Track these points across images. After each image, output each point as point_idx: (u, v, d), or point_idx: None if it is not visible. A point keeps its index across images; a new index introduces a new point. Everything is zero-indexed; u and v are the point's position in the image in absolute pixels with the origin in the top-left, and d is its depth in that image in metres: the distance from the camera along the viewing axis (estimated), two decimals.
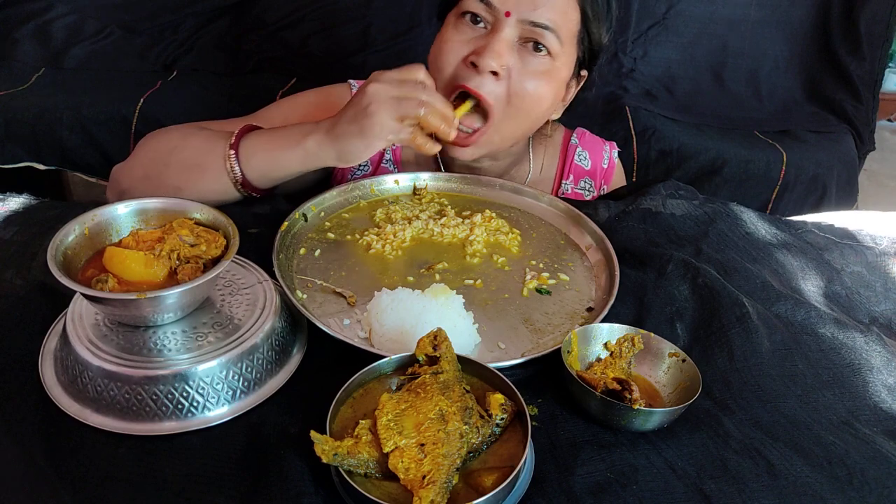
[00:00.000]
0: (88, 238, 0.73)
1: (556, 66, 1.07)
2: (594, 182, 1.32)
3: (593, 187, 1.32)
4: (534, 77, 1.06)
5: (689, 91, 2.08)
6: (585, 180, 1.31)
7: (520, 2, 1.02)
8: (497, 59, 1.02)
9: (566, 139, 1.34)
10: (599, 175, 1.32)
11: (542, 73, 1.06)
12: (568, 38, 1.05)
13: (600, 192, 1.33)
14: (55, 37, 1.96)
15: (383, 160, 1.29)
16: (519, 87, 1.06)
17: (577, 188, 1.32)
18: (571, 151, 1.31)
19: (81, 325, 0.72)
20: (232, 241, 0.73)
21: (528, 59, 1.05)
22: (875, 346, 0.85)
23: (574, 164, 1.31)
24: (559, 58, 1.06)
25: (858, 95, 2.04)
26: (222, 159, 0.99)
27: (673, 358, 0.77)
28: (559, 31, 1.03)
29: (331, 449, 0.59)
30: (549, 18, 1.02)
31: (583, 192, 1.32)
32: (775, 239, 1.08)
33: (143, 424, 0.68)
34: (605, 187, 1.33)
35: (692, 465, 0.68)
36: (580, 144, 1.32)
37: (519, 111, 1.08)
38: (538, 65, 1.05)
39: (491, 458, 0.64)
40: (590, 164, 1.32)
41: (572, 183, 1.31)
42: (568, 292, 0.95)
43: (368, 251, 1.00)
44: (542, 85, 1.07)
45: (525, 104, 1.08)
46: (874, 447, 0.71)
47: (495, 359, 0.79)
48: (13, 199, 1.03)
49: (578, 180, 1.31)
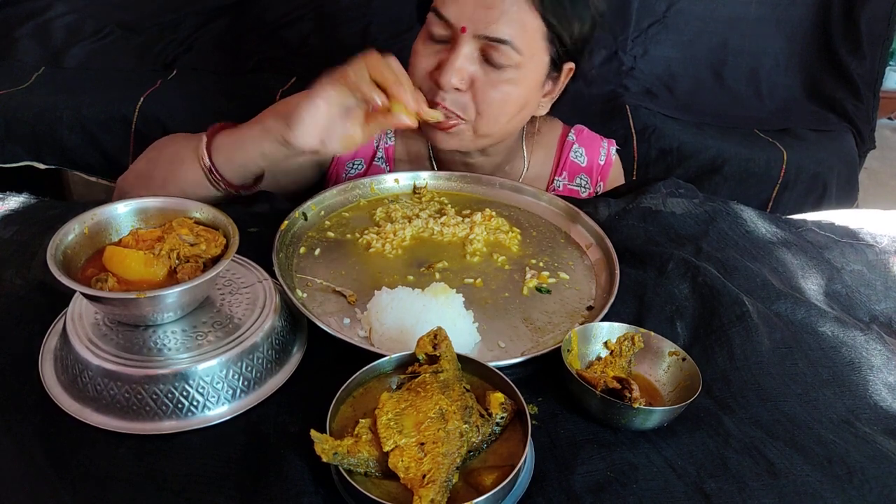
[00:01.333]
0: (88, 237, 0.73)
1: (522, 73, 1.06)
2: (590, 179, 1.32)
3: (589, 184, 1.31)
4: (497, 86, 1.06)
5: (689, 89, 2.08)
6: (581, 177, 1.31)
7: (473, 18, 1.01)
8: (455, 75, 1.04)
9: (563, 136, 1.34)
10: (596, 172, 1.32)
11: (506, 81, 1.06)
12: (530, 46, 1.05)
13: (596, 188, 1.32)
14: (55, 36, 1.96)
15: (375, 157, 1.29)
16: (483, 96, 1.07)
17: (571, 185, 1.32)
18: (567, 148, 1.31)
19: (81, 324, 0.72)
20: (232, 241, 0.73)
21: (489, 70, 1.05)
22: (875, 345, 0.85)
23: (569, 161, 1.31)
24: (524, 65, 1.05)
25: (859, 94, 2.04)
26: (196, 155, 1.02)
27: (673, 357, 0.77)
28: (517, 43, 1.03)
29: (331, 448, 0.59)
30: (506, 33, 1.01)
31: (578, 188, 1.31)
32: (775, 237, 1.08)
33: (143, 424, 0.68)
34: (601, 184, 1.32)
35: (692, 463, 0.68)
36: (577, 141, 1.32)
37: (488, 117, 1.09)
38: (501, 75, 1.05)
39: (491, 456, 0.64)
40: (586, 161, 1.31)
41: (566, 180, 1.31)
42: (568, 291, 0.95)
43: (368, 250, 1.00)
44: (508, 93, 1.07)
45: (493, 111, 1.08)
46: (874, 446, 0.71)
47: (495, 358, 0.79)
48: (13, 199, 1.03)
49: (574, 177, 1.31)
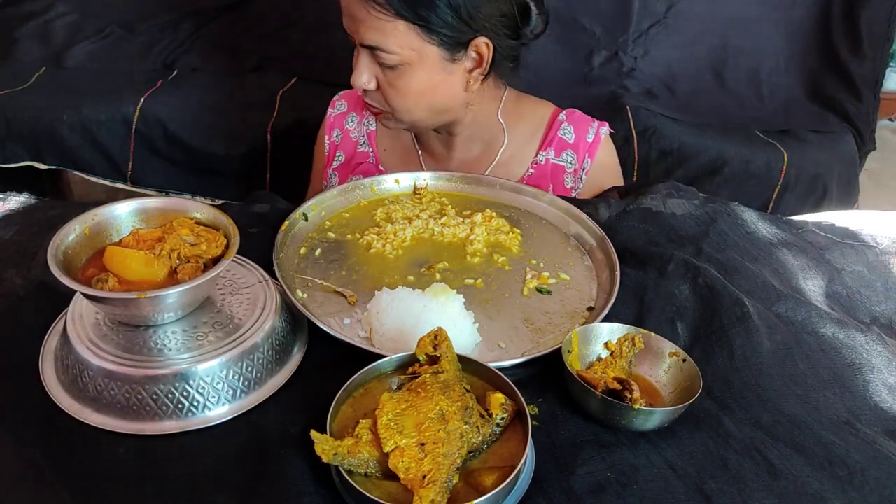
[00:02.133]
0: (89, 237, 0.73)
1: (413, 67, 1.11)
2: (577, 155, 1.32)
3: (576, 160, 1.32)
4: (393, 83, 1.13)
5: (689, 90, 2.07)
6: (567, 153, 1.33)
7: (350, 30, 1.11)
8: (357, 79, 1.13)
9: (554, 115, 1.35)
10: (583, 148, 1.32)
11: (399, 76, 1.12)
12: (406, 45, 1.08)
13: (583, 164, 1.32)
14: (55, 36, 1.96)
15: (358, 146, 1.38)
16: (386, 93, 1.15)
17: (557, 160, 1.33)
18: (556, 126, 1.33)
19: (82, 324, 0.72)
20: (232, 241, 0.73)
21: (387, 70, 1.12)
22: (876, 346, 0.85)
23: (557, 137, 1.33)
24: (409, 60, 1.10)
25: (859, 95, 2.03)
26: None
27: (673, 357, 0.77)
28: (389, 46, 1.07)
29: (331, 448, 0.59)
30: (373, 40, 1.07)
31: (564, 164, 1.32)
32: (776, 238, 1.08)
33: (143, 424, 0.68)
34: (588, 160, 1.32)
35: (692, 464, 0.68)
36: (566, 120, 1.34)
37: (399, 107, 1.16)
38: (394, 73, 1.12)
39: (491, 457, 0.64)
40: (573, 138, 1.33)
41: (552, 154, 1.32)
42: (568, 292, 0.95)
43: (369, 250, 1.00)
44: (405, 86, 1.13)
45: (399, 103, 1.16)
46: (875, 447, 0.71)
47: (495, 358, 0.79)
48: (13, 199, 1.03)
49: (560, 152, 1.33)
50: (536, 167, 1.33)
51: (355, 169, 1.38)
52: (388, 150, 1.38)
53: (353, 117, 1.40)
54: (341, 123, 1.41)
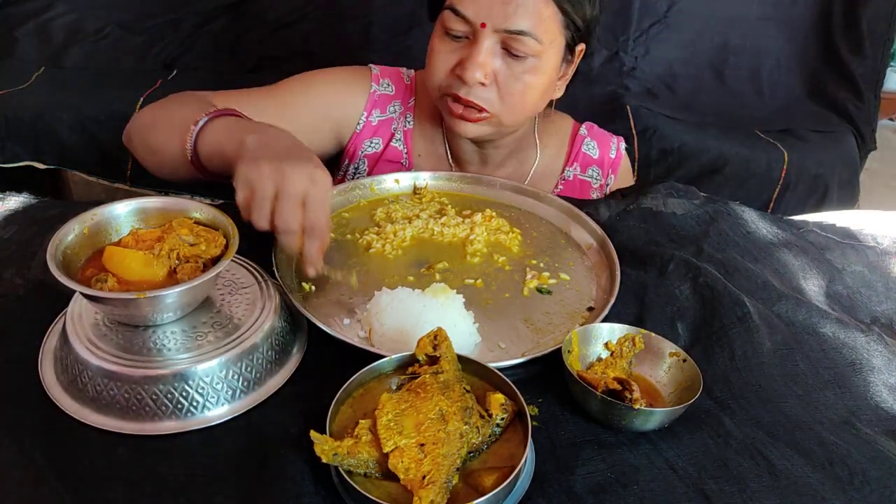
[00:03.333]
0: (88, 237, 0.73)
1: (542, 60, 1.08)
2: (602, 171, 1.33)
3: (601, 176, 1.32)
4: (520, 77, 1.08)
5: (690, 90, 2.07)
6: (593, 168, 1.32)
7: (491, 14, 1.02)
8: (480, 69, 1.05)
9: (575, 130, 1.35)
10: (607, 164, 1.33)
11: (528, 70, 1.07)
12: (549, 34, 1.06)
13: (607, 180, 1.33)
14: (55, 36, 1.96)
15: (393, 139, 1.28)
16: (508, 88, 1.08)
17: (583, 175, 1.33)
18: (579, 141, 1.32)
19: (81, 324, 0.72)
20: (232, 241, 0.73)
21: (511, 62, 1.07)
22: (876, 346, 0.85)
23: (582, 153, 1.32)
24: (544, 53, 1.07)
25: (860, 94, 2.04)
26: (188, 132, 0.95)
27: (674, 358, 0.77)
28: (536, 33, 1.04)
29: (331, 449, 0.59)
30: (524, 24, 1.03)
31: (590, 179, 1.33)
32: (776, 238, 1.08)
33: (142, 424, 0.68)
34: (612, 177, 1.34)
35: (693, 465, 0.68)
36: (588, 135, 1.34)
37: (513, 107, 1.11)
38: (523, 65, 1.07)
39: (491, 457, 0.64)
40: (598, 154, 1.33)
41: (578, 170, 1.32)
42: (568, 292, 0.95)
43: (368, 250, 1.00)
44: (530, 82, 1.08)
45: (518, 101, 1.10)
46: (875, 447, 0.71)
47: (495, 358, 0.79)
48: (13, 199, 1.03)
49: (586, 168, 1.32)
50: (565, 183, 1.32)
51: (386, 166, 1.28)
52: (422, 157, 1.30)
53: (397, 106, 1.29)
54: (384, 106, 1.28)
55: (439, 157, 1.30)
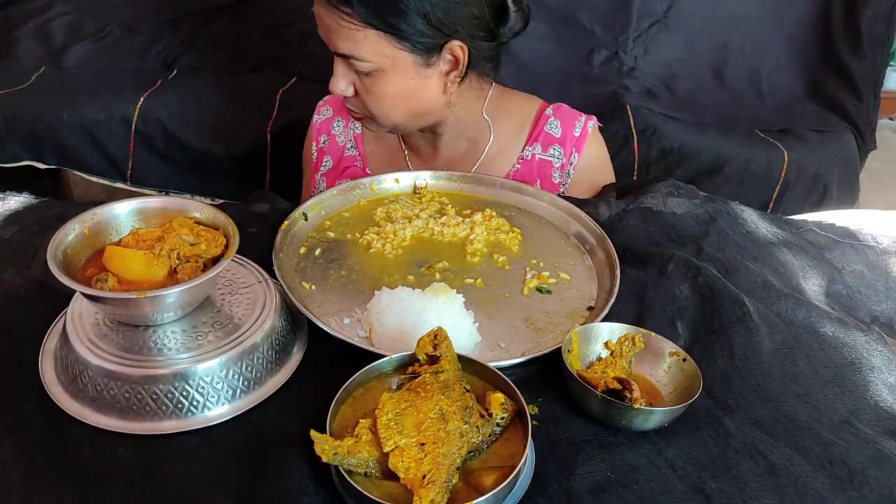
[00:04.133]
0: (88, 237, 0.73)
1: (388, 74, 1.11)
2: (563, 149, 1.32)
3: (562, 154, 1.32)
4: (370, 90, 1.13)
5: (690, 89, 2.07)
6: (555, 147, 1.33)
7: (326, 40, 1.11)
8: (335, 85, 1.14)
9: (541, 110, 1.35)
10: (570, 143, 1.32)
11: (375, 83, 1.12)
12: (376, 52, 1.08)
13: (570, 159, 1.32)
14: (55, 36, 1.96)
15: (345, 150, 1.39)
16: (364, 99, 1.16)
17: (544, 154, 1.33)
18: (543, 121, 1.33)
19: (81, 324, 0.72)
20: (232, 241, 0.73)
21: (361, 75, 1.13)
22: (876, 346, 0.85)
23: (544, 132, 1.32)
24: (384, 67, 1.10)
25: (860, 94, 2.03)
26: None
27: (673, 357, 0.77)
28: (360, 54, 1.08)
29: (331, 448, 0.59)
30: (346, 48, 1.08)
31: (552, 159, 1.32)
32: (776, 238, 1.08)
33: (142, 423, 0.68)
34: (575, 155, 1.32)
35: (693, 464, 0.68)
36: (553, 115, 1.33)
37: (378, 113, 1.17)
38: (370, 79, 1.12)
39: (491, 457, 0.64)
40: (560, 133, 1.33)
41: (539, 150, 1.32)
42: (568, 291, 0.95)
43: (369, 250, 1.00)
44: (380, 92, 1.13)
45: (379, 108, 1.16)
46: (875, 447, 0.71)
47: (495, 358, 0.79)
48: (13, 198, 1.03)
49: (547, 147, 1.33)
50: (522, 162, 1.32)
51: (343, 173, 1.38)
52: (374, 152, 1.38)
53: (339, 122, 1.41)
54: (328, 128, 1.41)
55: (391, 148, 1.37)
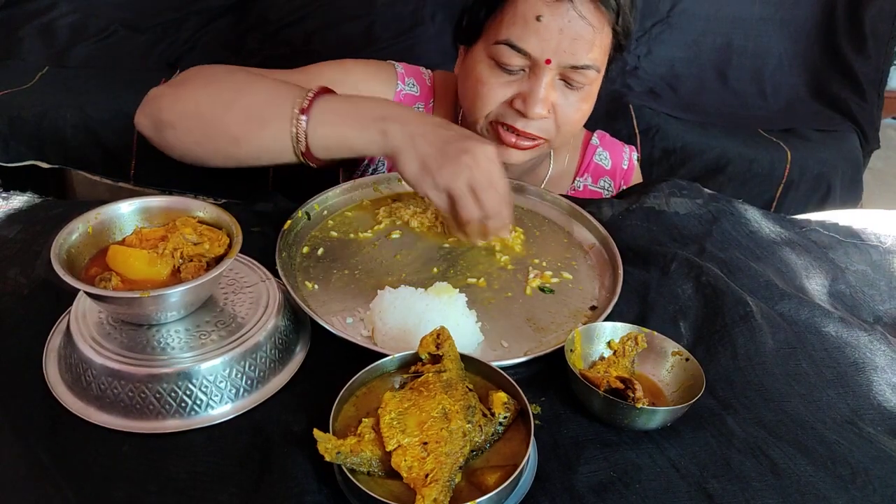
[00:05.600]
0: (92, 236, 0.74)
1: (594, 85, 1.08)
2: (613, 182, 1.32)
3: (612, 187, 1.32)
4: (577, 105, 1.08)
5: (693, 89, 2.07)
6: (605, 179, 1.31)
7: (559, 50, 1.01)
8: (544, 105, 1.04)
9: (586, 139, 1.34)
10: (619, 175, 1.32)
11: (584, 98, 1.08)
12: (604, 60, 1.06)
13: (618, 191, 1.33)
14: (59, 35, 1.97)
15: None
16: (566, 118, 1.08)
17: (594, 186, 1.32)
18: (591, 151, 1.31)
19: (85, 323, 0.72)
20: (235, 240, 0.73)
21: (568, 92, 1.06)
22: (879, 345, 0.85)
23: (593, 164, 1.31)
24: (598, 78, 1.07)
25: (863, 93, 2.03)
26: (289, 120, 0.89)
27: (676, 357, 0.77)
28: (598, 64, 1.04)
29: (334, 447, 0.59)
30: (589, 59, 1.02)
31: (602, 190, 1.32)
32: (779, 237, 1.08)
33: (146, 422, 0.68)
34: (623, 188, 1.33)
35: (695, 464, 0.68)
36: (600, 145, 1.33)
37: (567, 133, 1.12)
38: (580, 94, 1.07)
39: (494, 456, 0.64)
40: (610, 164, 1.32)
41: (590, 181, 1.31)
42: (571, 291, 0.95)
43: (372, 249, 1.00)
44: (585, 108, 1.10)
45: (572, 128, 1.12)
46: (878, 446, 0.71)
47: (498, 357, 0.79)
48: (17, 198, 1.03)
49: (598, 179, 1.31)
50: (575, 193, 1.31)
51: None
52: None
53: (420, 108, 1.27)
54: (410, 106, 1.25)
55: None
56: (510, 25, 1.02)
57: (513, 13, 1.02)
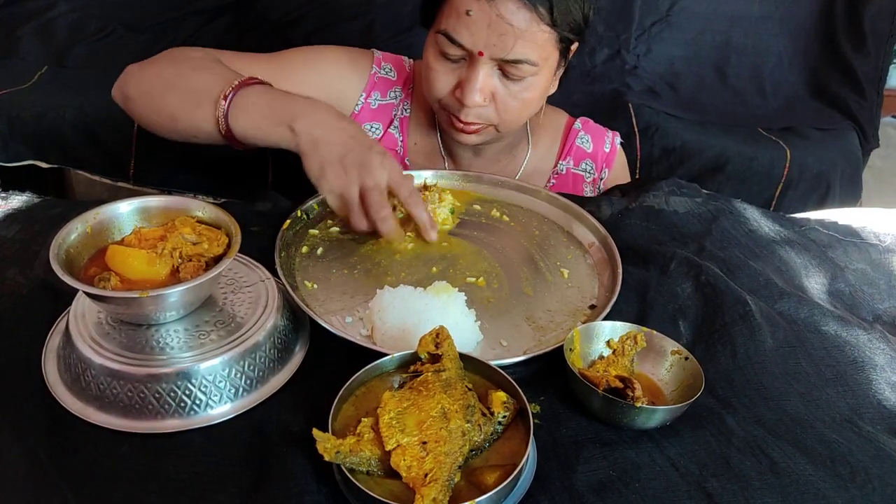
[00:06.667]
0: (91, 236, 0.74)
1: (539, 77, 1.08)
2: (595, 164, 1.33)
3: (594, 169, 1.33)
4: (518, 95, 1.09)
5: (692, 88, 2.07)
6: (587, 162, 1.33)
7: (488, 44, 1.03)
8: (479, 94, 1.07)
9: (569, 124, 1.35)
10: (601, 158, 1.33)
11: (526, 89, 1.09)
12: (544, 54, 1.06)
13: (601, 174, 1.34)
14: (58, 35, 1.96)
15: (391, 125, 1.30)
16: (506, 106, 1.10)
17: (576, 169, 1.33)
18: (573, 135, 1.33)
19: (84, 323, 0.72)
20: (234, 240, 0.73)
21: (508, 82, 1.08)
22: (879, 344, 0.85)
23: (575, 147, 1.33)
24: (540, 71, 1.07)
25: (863, 92, 2.03)
26: (214, 104, 0.98)
27: (676, 356, 0.77)
28: (533, 58, 1.04)
29: (333, 447, 0.59)
30: (522, 53, 1.03)
31: (583, 173, 1.33)
32: (779, 236, 1.08)
33: (145, 422, 0.68)
34: (605, 170, 1.34)
35: (695, 463, 0.68)
36: (582, 129, 1.34)
37: (511, 120, 1.13)
38: (520, 85, 1.08)
39: (493, 455, 0.64)
40: (591, 148, 1.33)
41: (571, 164, 1.32)
42: (570, 290, 0.95)
43: (371, 248, 1.00)
44: (527, 98, 1.10)
45: (515, 115, 1.12)
46: (877, 445, 0.71)
47: (497, 356, 0.79)
48: (16, 198, 1.03)
49: (579, 162, 1.33)
50: (558, 177, 1.32)
51: None
52: (417, 146, 1.31)
53: (398, 92, 1.29)
54: (385, 90, 1.28)
55: (433, 147, 1.31)
56: (448, 17, 1.05)
57: (450, 4, 1.05)
